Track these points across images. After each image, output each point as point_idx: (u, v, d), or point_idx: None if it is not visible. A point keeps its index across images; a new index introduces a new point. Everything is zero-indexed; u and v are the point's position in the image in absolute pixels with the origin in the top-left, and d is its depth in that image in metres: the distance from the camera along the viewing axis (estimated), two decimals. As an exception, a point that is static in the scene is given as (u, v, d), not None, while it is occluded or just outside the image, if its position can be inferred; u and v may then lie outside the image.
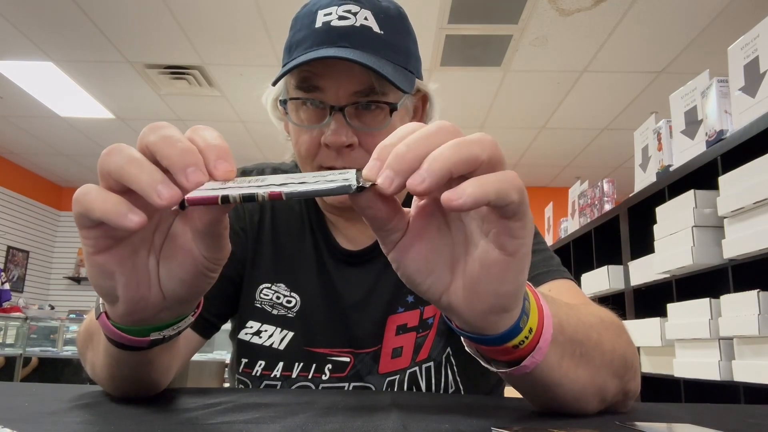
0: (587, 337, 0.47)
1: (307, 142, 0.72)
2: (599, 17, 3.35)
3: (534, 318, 0.42)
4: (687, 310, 1.79)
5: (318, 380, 0.76)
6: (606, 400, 0.50)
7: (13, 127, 5.31)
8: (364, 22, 0.69)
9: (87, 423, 0.40)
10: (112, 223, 0.36)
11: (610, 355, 0.49)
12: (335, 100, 0.69)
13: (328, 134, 0.69)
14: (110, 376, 0.52)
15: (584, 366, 0.46)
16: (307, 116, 0.72)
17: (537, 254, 0.75)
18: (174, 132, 0.40)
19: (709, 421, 0.47)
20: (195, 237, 0.41)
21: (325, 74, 0.69)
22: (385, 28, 0.70)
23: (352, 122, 0.70)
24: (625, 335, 0.55)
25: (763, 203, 1.45)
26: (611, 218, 2.56)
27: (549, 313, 0.43)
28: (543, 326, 0.42)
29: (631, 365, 0.52)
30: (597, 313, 0.53)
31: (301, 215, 0.84)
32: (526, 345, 0.42)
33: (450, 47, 3.72)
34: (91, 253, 0.40)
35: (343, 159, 0.71)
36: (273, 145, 5.64)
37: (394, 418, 0.43)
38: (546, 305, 0.43)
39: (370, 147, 0.71)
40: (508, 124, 5.09)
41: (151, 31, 3.62)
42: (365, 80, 0.68)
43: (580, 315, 0.49)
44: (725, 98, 1.72)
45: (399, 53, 0.71)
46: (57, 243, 7.16)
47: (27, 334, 4.77)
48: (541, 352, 0.42)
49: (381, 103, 0.70)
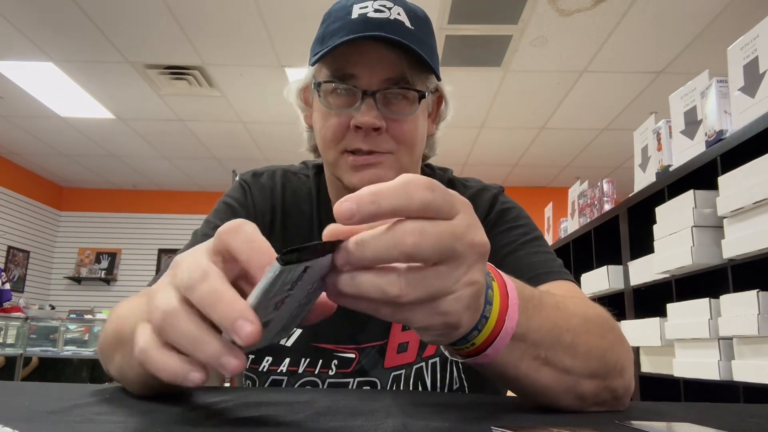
0: (557, 341, 0.48)
1: (335, 126, 0.75)
2: (599, 17, 3.35)
3: (486, 332, 0.43)
4: (687, 310, 1.79)
5: (325, 375, 0.77)
6: (584, 398, 0.50)
7: (13, 127, 5.31)
8: (397, 17, 0.73)
9: (87, 423, 0.40)
10: (177, 383, 0.37)
11: (583, 357, 0.50)
12: (368, 85, 0.73)
13: (359, 116, 0.72)
14: (143, 385, 0.52)
15: (549, 367, 0.47)
16: (338, 102, 0.75)
17: (539, 255, 0.76)
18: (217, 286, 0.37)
19: (709, 421, 0.47)
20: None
21: (359, 62, 0.72)
22: (415, 25, 0.74)
23: (382, 108, 0.73)
24: (610, 335, 0.55)
25: (763, 203, 1.45)
26: (611, 218, 2.56)
27: (512, 325, 0.44)
28: (497, 336, 0.43)
29: (613, 365, 0.52)
30: (584, 313, 0.53)
31: (310, 214, 0.85)
32: (472, 349, 0.44)
33: (450, 47, 3.72)
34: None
35: (369, 142, 0.74)
36: (273, 145, 5.64)
37: (394, 418, 0.43)
38: (513, 316, 0.44)
39: (396, 133, 0.74)
40: (508, 124, 5.09)
41: (151, 31, 3.62)
42: (397, 68, 0.72)
43: (561, 317, 0.49)
44: (725, 98, 1.72)
45: (427, 48, 0.75)
46: (57, 243, 7.16)
47: (27, 334, 4.77)
48: (488, 357, 0.44)
49: (411, 90, 0.74)
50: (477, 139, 5.46)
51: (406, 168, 0.77)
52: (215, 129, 5.30)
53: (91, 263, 7.08)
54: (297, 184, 0.88)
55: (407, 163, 0.77)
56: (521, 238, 0.79)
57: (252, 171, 0.90)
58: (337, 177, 0.79)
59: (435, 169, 0.93)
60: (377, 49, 0.71)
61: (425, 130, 0.81)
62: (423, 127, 0.79)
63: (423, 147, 0.82)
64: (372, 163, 0.74)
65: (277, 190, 0.86)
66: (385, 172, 0.75)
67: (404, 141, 0.75)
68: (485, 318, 0.42)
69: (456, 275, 0.37)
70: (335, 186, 0.83)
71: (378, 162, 0.74)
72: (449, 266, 0.37)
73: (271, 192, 0.86)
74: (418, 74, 0.74)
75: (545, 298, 0.49)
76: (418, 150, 0.79)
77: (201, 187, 7.21)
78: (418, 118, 0.77)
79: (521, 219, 0.83)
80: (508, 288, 0.45)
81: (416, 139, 0.77)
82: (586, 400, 0.51)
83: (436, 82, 0.81)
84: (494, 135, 5.34)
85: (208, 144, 5.71)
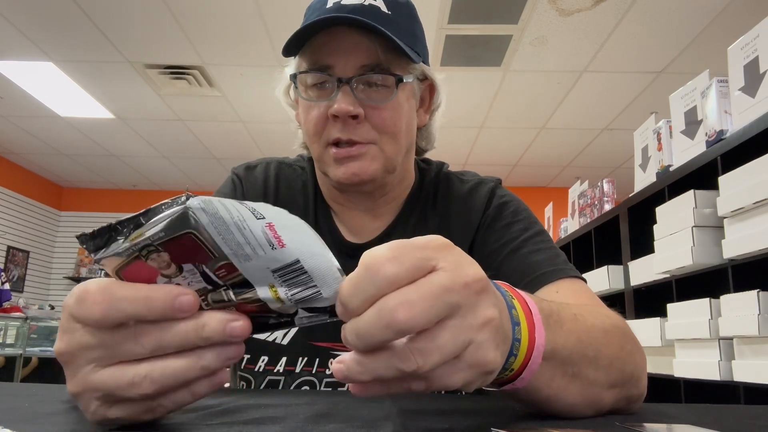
0: (582, 356, 0.47)
1: (315, 118, 0.74)
2: (599, 17, 3.35)
3: (522, 355, 0.41)
4: (687, 310, 1.79)
5: (322, 375, 0.76)
6: (602, 409, 0.50)
7: (13, 127, 5.31)
8: (372, 2, 0.72)
9: (87, 423, 0.40)
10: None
11: (605, 370, 0.49)
12: (343, 72, 0.71)
13: (335, 104, 0.71)
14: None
15: (576, 383, 0.46)
16: (318, 94, 0.74)
17: (541, 252, 0.74)
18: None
19: (709, 421, 0.47)
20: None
21: (334, 51, 0.71)
22: (393, 10, 0.73)
23: (359, 95, 0.72)
24: (628, 345, 0.54)
25: (763, 203, 1.45)
26: (611, 218, 2.56)
27: (542, 342, 0.42)
28: (531, 356, 0.42)
29: (630, 375, 0.52)
30: (602, 324, 0.52)
31: (305, 207, 0.84)
32: (511, 375, 0.42)
33: (450, 47, 3.72)
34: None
35: (348, 131, 0.72)
36: (273, 145, 5.64)
37: (393, 419, 0.43)
38: (541, 332, 0.42)
39: (376, 121, 0.73)
40: (508, 124, 5.08)
41: (151, 31, 3.61)
42: (372, 54, 0.71)
43: (582, 331, 0.48)
44: (725, 98, 1.71)
45: (406, 34, 0.73)
46: (57, 243, 7.16)
47: (27, 334, 4.77)
48: (524, 381, 0.42)
49: (387, 74, 0.72)
50: (477, 139, 5.46)
51: (391, 159, 0.75)
52: (215, 129, 5.30)
53: (90, 263, 7.07)
54: (292, 176, 0.87)
55: (392, 153, 0.75)
56: (522, 234, 0.77)
57: (245, 164, 0.89)
58: (323, 172, 0.77)
59: (431, 163, 0.90)
60: (351, 36, 0.70)
61: (411, 118, 0.78)
62: (408, 115, 0.77)
63: (410, 137, 0.79)
64: (354, 155, 0.73)
65: (271, 183, 0.85)
66: (369, 163, 0.73)
67: (385, 129, 0.73)
68: (518, 341, 0.40)
69: (466, 324, 0.34)
70: (324, 182, 0.83)
71: (360, 154, 0.73)
72: (454, 319, 0.34)
73: (264, 184, 0.85)
74: (395, 59, 0.72)
75: (563, 311, 0.48)
76: (403, 139, 0.76)
77: (201, 187, 7.21)
78: (401, 105, 0.74)
79: (520, 213, 0.81)
80: (529, 305, 0.43)
81: (399, 127, 0.75)
82: (604, 409, 0.50)
83: (424, 68, 0.78)
84: (494, 135, 5.34)
85: (208, 144, 5.71)
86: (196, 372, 0.35)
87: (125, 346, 0.35)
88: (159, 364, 0.35)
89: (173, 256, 0.33)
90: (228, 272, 0.34)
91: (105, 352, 0.35)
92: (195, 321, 0.35)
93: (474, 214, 0.81)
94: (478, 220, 0.81)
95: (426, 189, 0.86)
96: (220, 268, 0.34)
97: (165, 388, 0.35)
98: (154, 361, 0.35)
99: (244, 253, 0.33)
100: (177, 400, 0.36)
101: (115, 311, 0.34)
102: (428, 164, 0.90)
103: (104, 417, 0.37)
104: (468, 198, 0.83)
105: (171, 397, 0.36)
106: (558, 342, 0.44)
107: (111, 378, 0.35)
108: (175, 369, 0.35)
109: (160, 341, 0.34)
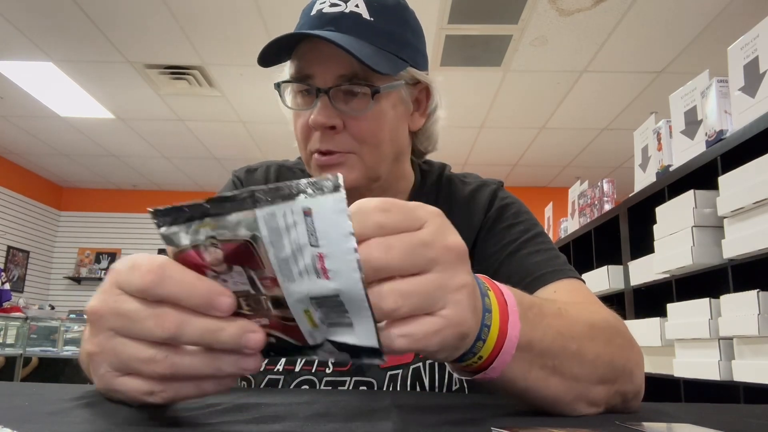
0: (563, 349, 0.47)
1: (301, 126, 0.75)
2: (599, 17, 3.35)
3: (491, 342, 0.42)
4: (687, 310, 1.79)
5: (322, 374, 0.76)
6: (596, 404, 0.50)
7: (13, 127, 5.31)
8: (354, 9, 0.71)
9: (87, 423, 0.40)
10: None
11: (591, 364, 0.49)
12: (322, 82, 0.71)
13: (312, 116, 0.71)
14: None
15: (557, 376, 0.47)
16: (303, 101, 0.75)
17: (541, 254, 0.75)
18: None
19: (709, 421, 0.47)
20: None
21: (314, 60, 0.71)
22: (376, 16, 0.72)
23: (338, 105, 0.71)
24: (618, 340, 0.54)
25: (763, 203, 1.45)
26: (611, 218, 2.56)
27: (515, 334, 0.43)
28: (503, 346, 0.42)
29: (622, 370, 0.52)
30: (589, 319, 0.53)
31: None
32: (481, 363, 0.43)
33: (450, 47, 3.72)
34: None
35: (326, 142, 0.72)
36: (273, 146, 5.64)
37: (393, 418, 0.43)
38: (516, 324, 0.43)
39: (354, 131, 0.72)
40: (508, 124, 5.09)
41: (151, 31, 3.62)
42: (349, 65, 0.70)
43: (564, 325, 0.49)
44: (725, 98, 1.72)
45: (389, 40, 0.73)
46: (57, 243, 7.16)
47: (27, 334, 4.77)
48: (495, 371, 0.43)
49: (363, 85, 0.71)
50: (477, 139, 5.46)
51: (372, 168, 0.74)
52: (215, 129, 5.30)
53: (90, 263, 7.08)
54: (292, 178, 0.87)
55: (373, 162, 0.74)
56: (522, 235, 0.77)
57: (246, 167, 0.90)
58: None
59: (433, 165, 0.90)
60: (330, 47, 0.68)
61: (399, 125, 0.77)
62: (393, 122, 0.75)
63: (397, 144, 0.78)
64: (334, 163, 0.73)
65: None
66: (348, 172, 0.73)
67: (365, 139, 0.72)
68: (486, 327, 0.41)
69: (443, 281, 0.37)
70: None
71: (339, 163, 0.73)
72: (433, 273, 0.36)
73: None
74: (371, 67, 0.70)
75: (546, 305, 0.49)
76: (387, 147, 0.75)
77: (201, 187, 7.21)
78: (383, 114, 0.73)
79: (521, 215, 0.81)
80: (506, 296, 0.44)
81: (380, 136, 0.73)
82: (598, 406, 0.50)
83: (414, 72, 0.77)
84: (494, 135, 5.34)
85: (208, 144, 5.71)
86: (211, 369, 0.36)
87: (147, 323, 0.36)
88: (179, 351, 0.36)
89: (227, 255, 0.35)
90: (272, 285, 0.35)
91: (128, 323, 0.36)
92: (217, 322, 0.36)
93: (476, 217, 0.82)
94: (480, 222, 0.81)
95: (428, 191, 0.86)
96: (265, 278, 0.35)
97: (178, 375, 0.36)
98: (173, 347, 0.36)
99: (290, 275, 0.35)
100: (181, 391, 0.37)
101: (160, 287, 0.35)
102: (430, 166, 0.90)
103: (109, 385, 0.38)
104: (470, 200, 0.84)
105: (176, 386, 0.37)
106: (535, 334, 0.45)
107: (133, 348, 0.36)
108: (193, 360, 0.36)
109: (180, 330, 0.35)
